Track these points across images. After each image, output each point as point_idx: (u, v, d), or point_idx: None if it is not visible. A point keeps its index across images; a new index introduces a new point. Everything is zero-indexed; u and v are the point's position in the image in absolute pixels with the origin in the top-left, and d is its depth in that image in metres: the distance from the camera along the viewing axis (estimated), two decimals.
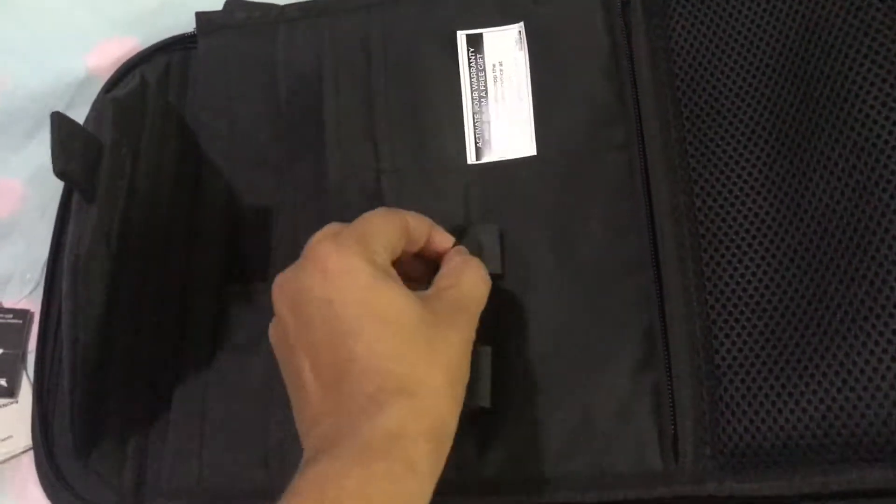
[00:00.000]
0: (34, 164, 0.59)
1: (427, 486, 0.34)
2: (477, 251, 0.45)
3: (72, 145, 0.44)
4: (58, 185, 0.56)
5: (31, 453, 0.51)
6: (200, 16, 0.55)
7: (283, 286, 0.39)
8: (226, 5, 0.56)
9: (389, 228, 0.39)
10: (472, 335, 0.39)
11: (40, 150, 0.58)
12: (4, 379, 0.53)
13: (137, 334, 0.49)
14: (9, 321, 0.55)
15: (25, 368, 0.54)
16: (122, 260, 0.47)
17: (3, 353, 0.54)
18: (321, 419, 0.36)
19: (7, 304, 0.56)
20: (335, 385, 0.36)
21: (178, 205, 0.52)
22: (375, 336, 0.35)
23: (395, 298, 0.36)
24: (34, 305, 0.55)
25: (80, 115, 0.55)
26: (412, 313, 0.36)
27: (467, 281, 0.40)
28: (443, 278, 0.41)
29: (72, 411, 0.46)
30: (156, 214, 0.50)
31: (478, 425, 0.43)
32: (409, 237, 0.41)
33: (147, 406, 0.49)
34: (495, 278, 0.45)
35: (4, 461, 0.52)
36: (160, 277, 0.50)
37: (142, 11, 0.60)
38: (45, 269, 0.54)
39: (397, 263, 0.40)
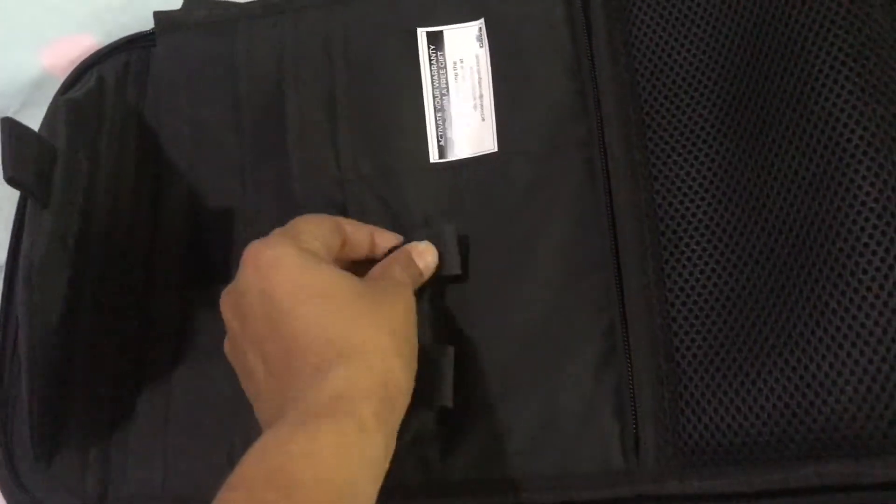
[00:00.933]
0: None
1: (378, 442, 0.34)
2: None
3: (23, 151, 0.44)
4: (14, 190, 0.54)
5: None
6: (159, 14, 0.54)
7: (226, 296, 0.40)
8: (185, 3, 0.55)
9: (319, 224, 0.41)
10: (411, 304, 0.40)
11: None
12: None
13: (98, 339, 0.48)
14: None
15: None
16: (81, 264, 0.46)
17: None
18: (272, 401, 0.36)
19: None
20: (284, 369, 0.36)
21: (138, 208, 0.52)
22: (313, 311, 0.36)
23: (328, 276, 0.38)
24: None
25: (35, 114, 0.54)
26: (347, 287, 0.38)
27: (399, 263, 0.42)
28: (376, 267, 0.43)
29: (31, 418, 0.46)
30: (116, 218, 0.50)
31: (442, 427, 0.43)
32: (349, 240, 0.42)
33: (109, 411, 0.49)
34: (455, 279, 0.45)
35: None
36: (121, 281, 0.50)
37: (99, 8, 0.59)
38: (2, 274, 0.53)
39: (343, 266, 0.41)
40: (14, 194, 0.54)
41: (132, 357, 0.49)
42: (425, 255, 0.44)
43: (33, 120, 0.53)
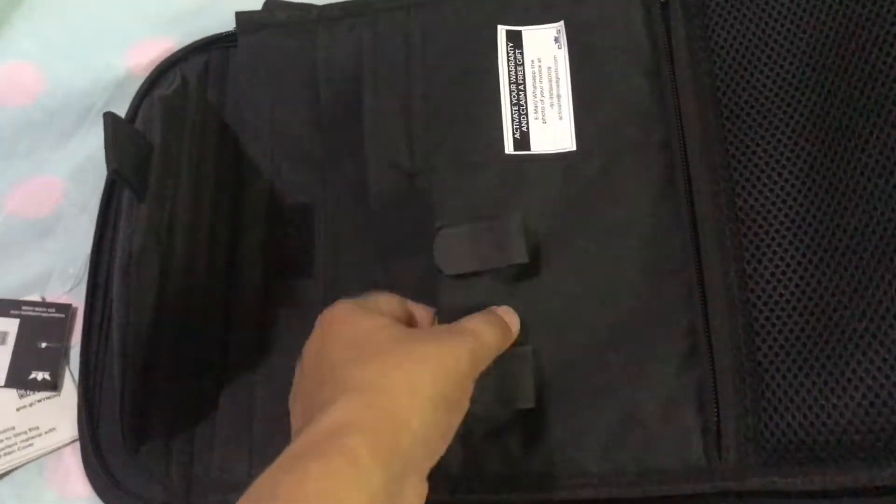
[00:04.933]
0: (75, 162, 0.59)
1: (375, 478, 0.32)
2: (501, 241, 0.45)
3: (124, 145, 0.45)
4: (98, 182, 0.57)
5: (74, 447, 0.52)
6: (241, 15, 0.55)
7: (301, 359, 0.40)
8: (265, 5, 0.56)
9: (388, 297, 0.41)
10: (465, 351, 0.37)
11: (81, 147, 0.60)
12: (48, 373, 0.54)
13: (184, 331, 0.49)
14: (52, 315, 0.56)
15: (68, 363, 0.55)
16: (170, 257, 0.47)
17: (46, 347, 0.55)
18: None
19: (49, 299, 0.57)
20: (305, 412, 0.36)
21: (220, 203, 0.52)
22: (346, 356, 0.36)
23: (373, 322, 0.37)
24: (76, 300, 0.56)
25: (119, 111, 0.54)
26: (387, 331, 0.37)
27: (480, 315, 0.41)
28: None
29: (122, 406, 0.47)
30: (199, 213, 0.51)
31: (522, 423, 0.44)
32: (414, 316, 0.43)
33: (194, 402, 0.50)
34: (525, 272, 0.45)
35: (48, 453, 0.52)
36: (205, 275, 0.51)
37: (179, 12, 0.61)
38: (87, 265, 0.55)
39: None
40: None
41: (216, 349, 0.50)
42: (510, 314, 0.43)
43: None
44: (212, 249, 0.51)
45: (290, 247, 0.52)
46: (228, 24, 0.57)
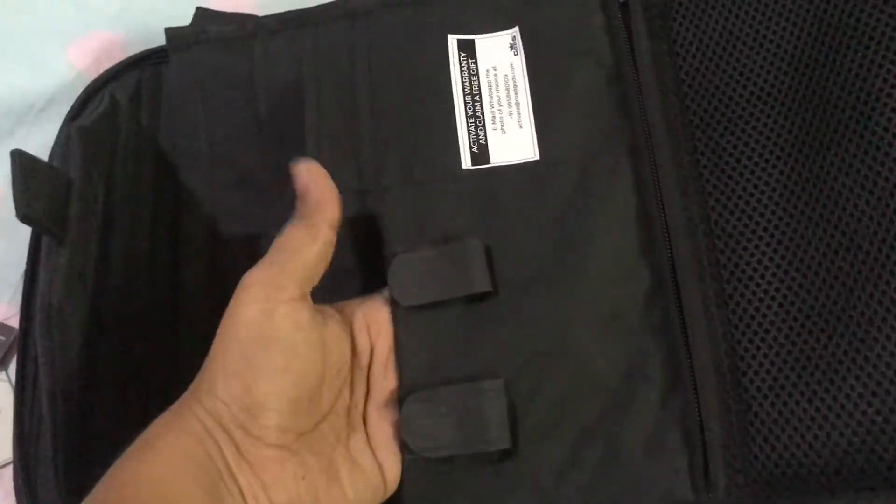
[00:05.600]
0: None
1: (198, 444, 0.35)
2: (462, 267, 0.42)
3: (35, 184, 0.42)
4: None
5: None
6: (171, 31, 0.51)
7: None
8: (194, 18, 0.53)
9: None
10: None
11: (22, 147, 0.55)
12: None
13: (123, 376, 0.46)
14: None
15: (8, 378, 0.53)
16: (101, 300, 0.44)
17: None
18: None
19: None
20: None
21: (158, 232, 0.49)
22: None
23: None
24: (14, 309, 0.53)
25: (60, 112, 0.53)
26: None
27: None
28: None
29: (55, 462, 0.43)
30: (135, 244, 0.48)
31: (497, 465, 0.41)
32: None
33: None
34: (485, 297, 0.43)
35: None
36: (144, 314, 0.48)
37: (123, 3, 0.58)
38: (23, 277, 0.51)
39: None
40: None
41: (160, 390, 0.47)
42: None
43: (58, 117, 0.53)
44: (153, 286, 0.48)
45: (234, 275, 0.49)
46: (176, 17, 0.53)
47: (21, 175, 0.41)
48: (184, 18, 0.53)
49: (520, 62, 0.47)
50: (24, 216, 0.41)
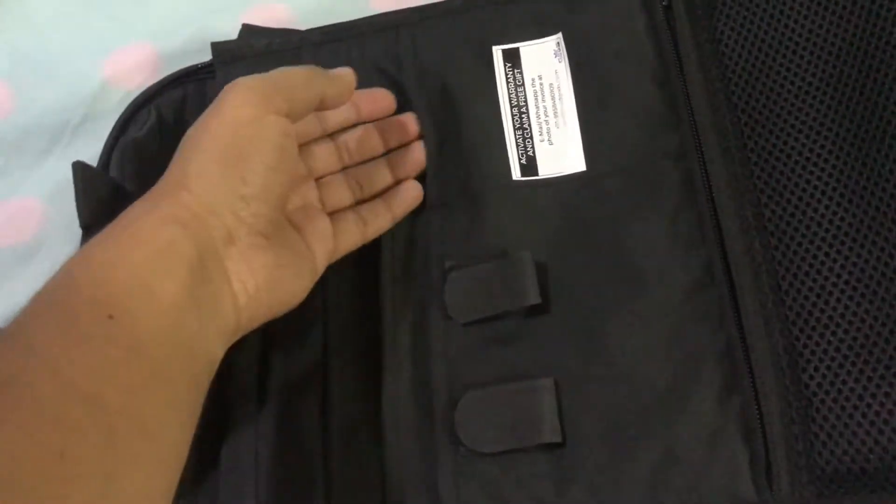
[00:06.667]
0: (53, 181, 0.54)
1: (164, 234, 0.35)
2: (513, 282, 0.43)
3: (95, 196, 0.43)
4: None
5: None
6: (217, 46, 0.52)
7: None
8: (241, 33, 0.53)
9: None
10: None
11: (59, 165, 0.55)
12: None
13: None
14: None
15: None
16: None
17: None
18: None
19: None
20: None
21: None
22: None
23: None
24: None
25: (96, 128, 0.53)
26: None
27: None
28: None
29: None
30: None
31: (555, 463, 0.41)
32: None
33: (193, 464, 0.46)
34: (538, 309, 0.43)
35: None
36: None
37: (159, 17, 0.58)
38: None
39: None
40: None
41: (216, 409, 0.47)
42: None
43: (94, 134, 0.53)
44: None
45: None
46: (213, 28, 0.54)
47: (84, 186, 0.42)
48: (219, 33, 0.54)
49: (564, 69, 0.47)
50: (87, 226, 0.41)
